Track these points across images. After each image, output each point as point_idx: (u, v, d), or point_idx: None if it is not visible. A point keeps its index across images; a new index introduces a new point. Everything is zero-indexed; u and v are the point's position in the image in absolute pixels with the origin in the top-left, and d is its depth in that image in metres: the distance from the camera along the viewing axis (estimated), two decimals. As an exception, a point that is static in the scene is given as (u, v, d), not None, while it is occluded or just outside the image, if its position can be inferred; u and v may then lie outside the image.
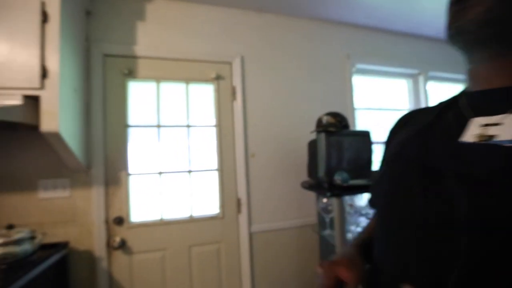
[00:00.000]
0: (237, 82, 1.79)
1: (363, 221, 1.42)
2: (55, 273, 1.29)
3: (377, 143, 2.16)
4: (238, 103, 1.78)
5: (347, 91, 2.08)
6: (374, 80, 2.27)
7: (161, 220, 1.60)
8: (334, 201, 1.25)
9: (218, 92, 1.76)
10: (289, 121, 1.90)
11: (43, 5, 1.15)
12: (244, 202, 1.74)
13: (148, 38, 1.65)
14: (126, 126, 1.57)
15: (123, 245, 1.52)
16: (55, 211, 1.42)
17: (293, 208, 1.85)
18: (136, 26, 1.64)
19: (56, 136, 1.15)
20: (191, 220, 1.66)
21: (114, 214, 1.52)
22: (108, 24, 1.60)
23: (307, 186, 1.50)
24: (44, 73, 1.12)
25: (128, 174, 1.56)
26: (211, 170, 1.74)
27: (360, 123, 2.14)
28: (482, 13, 0.36)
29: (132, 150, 1.59)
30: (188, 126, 1.70)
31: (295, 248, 1.83)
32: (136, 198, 1.58)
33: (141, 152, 1.61)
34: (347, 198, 1.44)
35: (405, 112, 0.60)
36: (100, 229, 1.47)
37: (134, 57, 1.62)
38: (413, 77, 2.35)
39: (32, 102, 1.13)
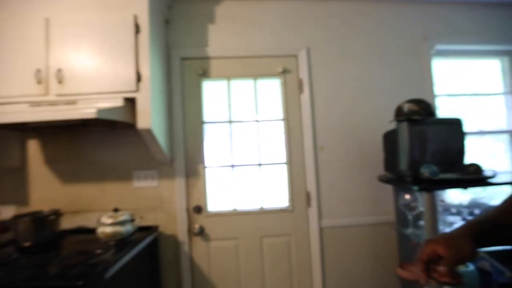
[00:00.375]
0: (303, 75, 1.77)
1: (455, 221, 1.26)
2: (149, 253, 1.47)
3: (470, 133, 1.89)
4: (305, 96, 1.75)
5: (425, 77, 1.86)
6: (458, 62, 1.99)
7: (234, 210, 1.69)
8: (423, 196, 1.14)
9: (285, 85, 1.77)
10: (360, 113, 1.80)
11: (135, 18, 1.31)
12: (313, 196, 1.71)
13: (218, 39, 1.75)
14: (202, 122, 1.70)
15: (201, 231, 1.66)
16: (146, 199, 1.62)
17: (366, 204, 1.75)
18: (208, 28, 1.75)
19: (149, 132, 1.31)
20: (262, 212, 1.71)
21: (193, 203, 1.66)
22: (184, 29, 1.74)
23: (385, 180, 1.40)
24: (138, 78, 1.29)
25: (205, 167, 1.68)
26: (280, 163, 1.75)
27: (442, 112, 1.90)
28: None
29: (207, 144, 1.71)
30: (257, 120, 1.75)
31: (369, 246, 1.73)
32: (212, 189, 1.70)
33: (215, 146, 1.72)
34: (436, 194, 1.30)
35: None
36: (182, 216, 1.63)
37: (207, 58, 1.73)
38: (509, 55, 1.98)
39: (129, 103, 1.30)
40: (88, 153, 1.63)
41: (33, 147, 1.63)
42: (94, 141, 1.63)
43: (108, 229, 1.30)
